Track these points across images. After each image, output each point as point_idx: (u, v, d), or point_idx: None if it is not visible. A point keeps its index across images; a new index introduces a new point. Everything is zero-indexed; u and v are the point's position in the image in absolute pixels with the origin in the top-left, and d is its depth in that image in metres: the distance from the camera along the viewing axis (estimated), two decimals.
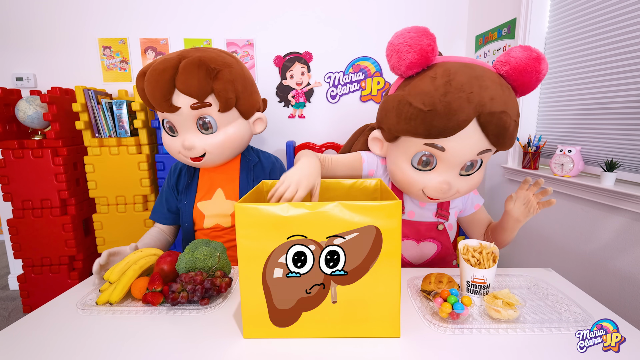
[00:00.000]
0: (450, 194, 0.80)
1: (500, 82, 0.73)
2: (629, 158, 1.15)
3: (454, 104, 0.68)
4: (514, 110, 0.72)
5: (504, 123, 0.70)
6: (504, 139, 0.73)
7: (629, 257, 1.08)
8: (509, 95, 0.72)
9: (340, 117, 2.10)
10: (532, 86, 0.75)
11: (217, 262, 0.76)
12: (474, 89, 0.69)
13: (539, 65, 0.72)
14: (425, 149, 0.76)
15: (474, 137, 0.72)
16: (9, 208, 1.80)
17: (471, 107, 0.68)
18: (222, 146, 0.95)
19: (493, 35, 1.77)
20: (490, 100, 0.69)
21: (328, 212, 0.56)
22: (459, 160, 0.76)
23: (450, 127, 0.70)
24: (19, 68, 1.91)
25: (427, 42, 0.71)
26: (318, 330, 0.60)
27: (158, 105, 0.89)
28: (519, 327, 0.62)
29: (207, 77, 0.87)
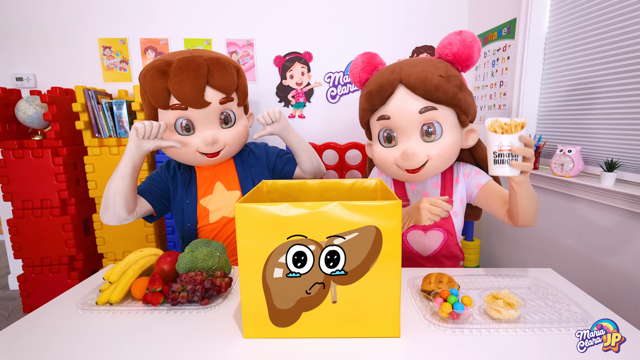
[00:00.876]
0: (418, 159, 0.86)
1: (427, 58, 0.88)
2: (629, 158, 1.15)
3: (381, 78, 0.88)
4: (437, 70, 0.83)
5: (425, 77, 0.81)
6: (431, 92, 0.82)
7: (629, 257, 1.08)
8: (434, 62, 0.86)
9: (340, 117, 2.10)
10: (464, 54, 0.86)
11: (217, 262, 0.76)
12: (397, 66, 0.87)
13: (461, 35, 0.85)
14: (380, 125, 0.90)
15: (406, 97, 0.84)
16: (9, 208, 1.80)
17: (393, 75, 0.85)
18: (240, 138, 1.02)
19: (493, 35, 1.77)
20: (410, 68, 0.85)
21: (328, 212, 0.56)
22: (407, 124, 0.86)
23: (382, 97, 0.86)
24: (19, 68, 1.91)
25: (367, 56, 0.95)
26: (318, 330, 0.60)
27: (191, 101, 0.89)
28: (519, 327, 0.62)
29: (235, 73, 0.97)
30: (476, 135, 0.93)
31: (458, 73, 0.88)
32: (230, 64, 0.96)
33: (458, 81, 0.85)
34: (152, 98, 0.91)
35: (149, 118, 0.97)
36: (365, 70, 0.95)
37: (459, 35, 0.85)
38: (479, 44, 0.87)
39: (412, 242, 0.99)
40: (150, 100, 0.92)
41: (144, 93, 0.93)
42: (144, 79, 0.91)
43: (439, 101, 0.83)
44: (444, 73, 0.83)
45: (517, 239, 1.64)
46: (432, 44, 2.03)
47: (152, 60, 0.95)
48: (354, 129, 2.10)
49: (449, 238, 0.98)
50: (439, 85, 0.82)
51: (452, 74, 0.85)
